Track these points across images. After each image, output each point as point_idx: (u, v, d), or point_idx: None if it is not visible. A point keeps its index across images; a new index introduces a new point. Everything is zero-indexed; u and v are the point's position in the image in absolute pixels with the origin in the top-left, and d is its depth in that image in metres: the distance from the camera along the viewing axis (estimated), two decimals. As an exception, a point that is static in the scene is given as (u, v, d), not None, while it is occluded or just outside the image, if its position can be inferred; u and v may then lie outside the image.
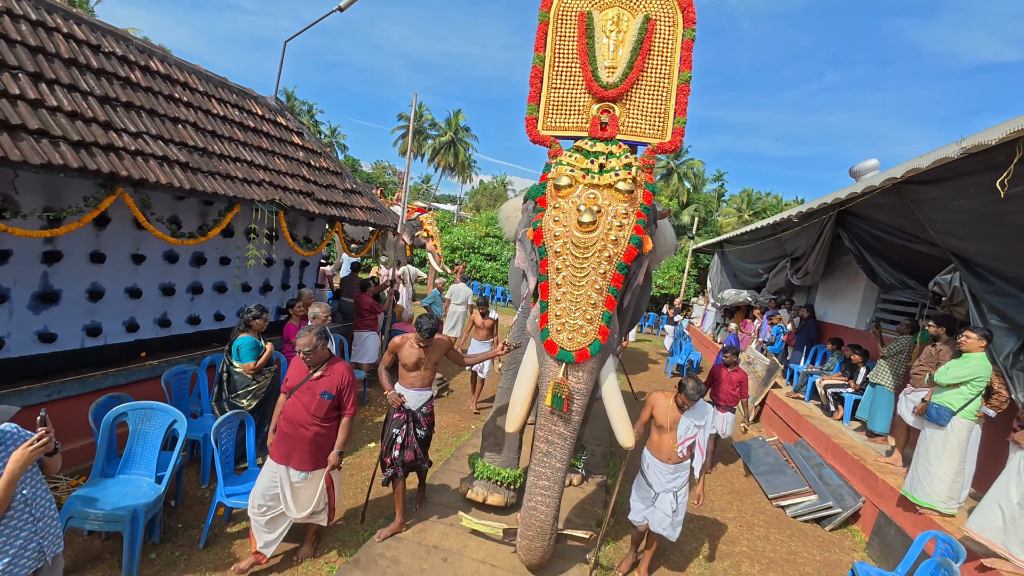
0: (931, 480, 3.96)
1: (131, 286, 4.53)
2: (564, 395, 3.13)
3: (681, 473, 3.44)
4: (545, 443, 3.28)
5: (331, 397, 3.15)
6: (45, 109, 3.31)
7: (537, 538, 3.25)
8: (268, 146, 5.63)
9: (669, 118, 3.71)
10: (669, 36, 3.77)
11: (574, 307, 3.16)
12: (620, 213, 3.19)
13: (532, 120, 3.87)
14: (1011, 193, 3.56)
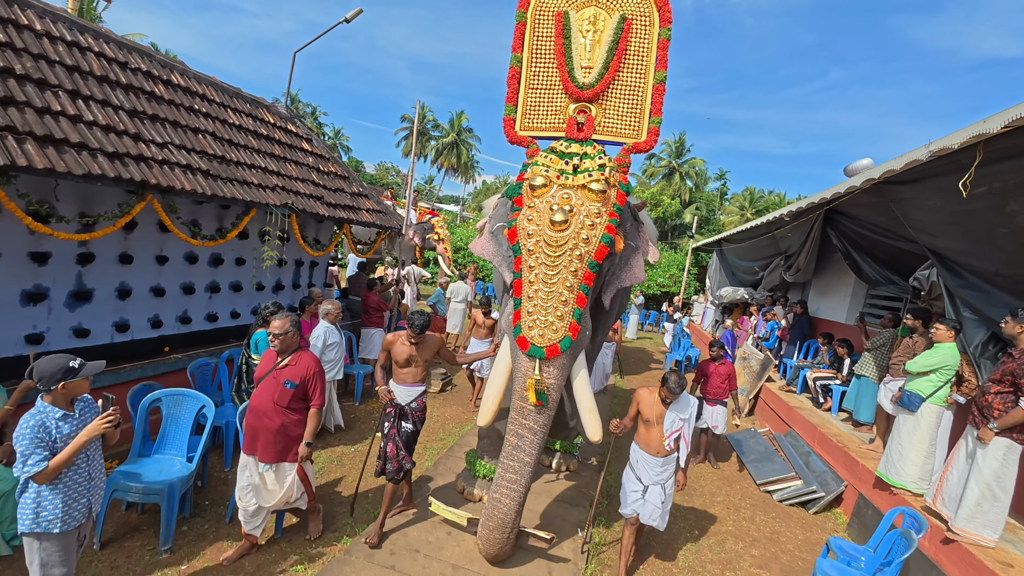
0: (904, 462, 4.23)
1: (155, 285, 4.86)
2: (544, 389, 3.19)
3: (669, 466, 3.51)
4: (515, 436, 3.30)
5: (294, 386, 3.15)
6: (83, 123, 3.63)
7: (497, 530, 3.25)
8: (280, 152, 5.95)
9: (645, 117, 3.74)
10: (645, 36, 3.77)
11: (546, 304, 3.21)
12: (592, 213, 3.24)
13: (510, 121, 3.91)
14: (975, 193, 3.83)
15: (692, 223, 23.51)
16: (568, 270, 3.20)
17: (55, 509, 2.22)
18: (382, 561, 3.32)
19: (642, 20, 3.75)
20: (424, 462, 4.91)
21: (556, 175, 3.36)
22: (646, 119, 3.74)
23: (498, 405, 3.45)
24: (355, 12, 6.97)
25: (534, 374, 3.18)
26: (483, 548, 3.36)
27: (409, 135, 45.05)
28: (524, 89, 3.93)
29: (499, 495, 3.25)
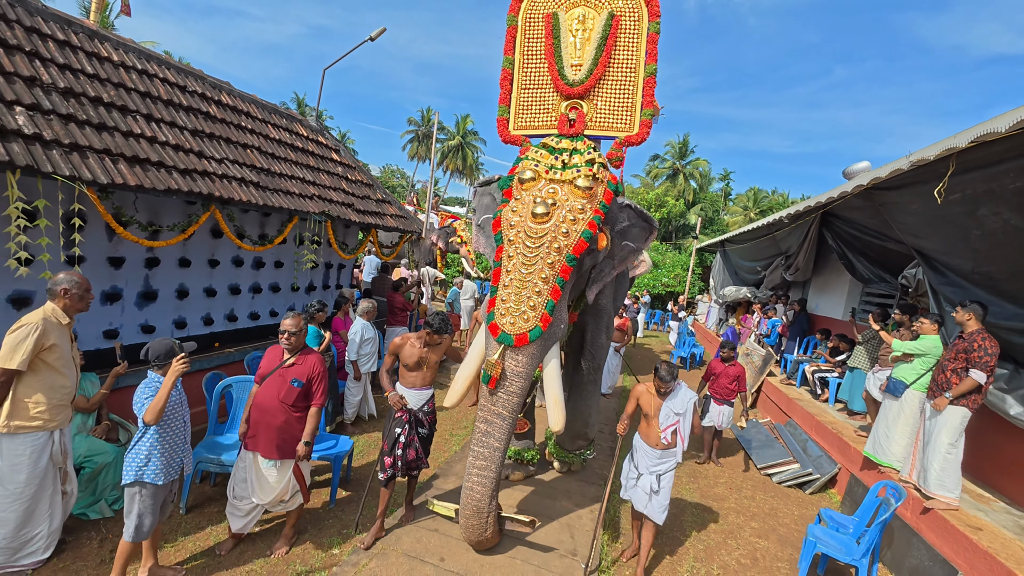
0: (889, 443, 4.67)
1: (208, 286, 5.36)
2: (494, 373, 3.19)
3: (667, 459, 3.53)
4: (484, 423, 3.30)
5: (301, 385, 3.20)
6: (158, 144, 4.13)
7: (473, 516, 3.26)
8: (314, 164, 6.44)
9: (636, 111, 3.78)
10: (634, 31, 3.81)
11: (520, 293, 3.23)
12: (576, 208, 3.28)
13: (503, 121, 4.01)
14: (951, 199, 4.27)
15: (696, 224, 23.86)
16: (545, 262, 3.22)
17: (158, 462, 2.71)
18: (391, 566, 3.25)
19: (631, 15, 3.81)
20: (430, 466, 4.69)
21: (545, 170, 3.43)
22: (638, 112, 3.77)
23: (466, 388, 3.48)
24: (379, 31, 7.46)
25: (493, 357, 3.19)
26: (465, 536, 3.38)
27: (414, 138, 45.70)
28: (516, 90, 4.05)
29: (471, 483, 3.26)
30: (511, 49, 4.05)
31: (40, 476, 2.75)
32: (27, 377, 2.71)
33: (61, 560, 2.95)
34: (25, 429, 2.70)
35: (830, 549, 3.68)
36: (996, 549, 3.39)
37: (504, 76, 4.04)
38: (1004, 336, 4.29)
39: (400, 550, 3.44)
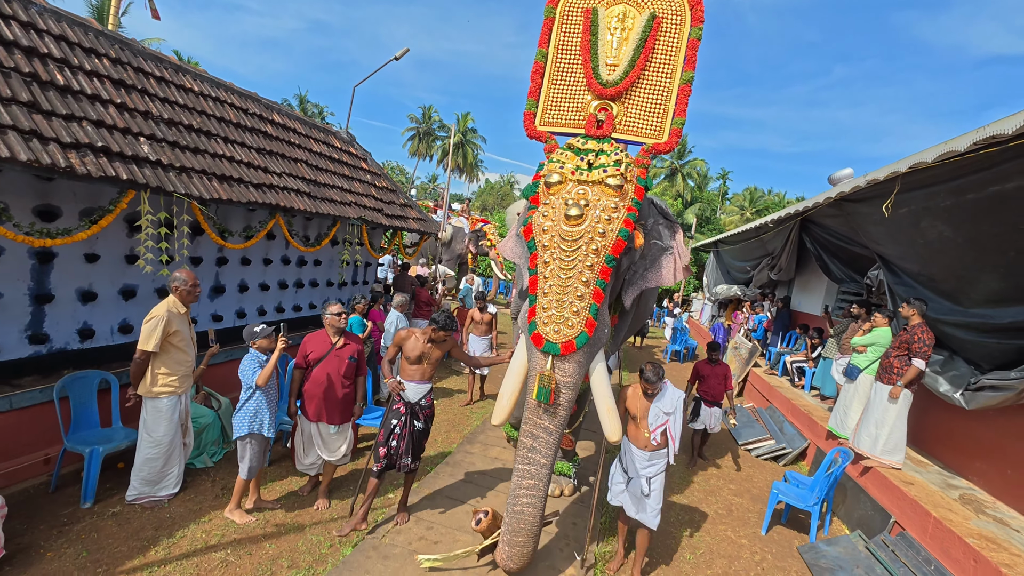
0: (846, 419, 5.51)
1: (262, 282, 6.16)
2: (551, 387, 3.07)
3: (657, 461, 3.46)
4: (530, 438, 3.17)
5: (355, 360, 3.82)
6: (235, 162, 4.92)
7: (526, 543, 3.11)
8: (348, 173, 7.23)
9: (668, 118, 3.61)
10: (675, 34, 3.67)
11: (561, 300, 3.12)
12: (609, 207, 3.16)
13: (530, 115, 3.85)
14: (900, 213, 5.09)
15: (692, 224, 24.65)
16: (584, 264, 3.10)
17: (265, 418, 3.52)
18: None
19: (672, 19, 3.68)
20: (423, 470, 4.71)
21: (572, 171, 3.31)
22: (669, 119, 3.61)
23: (513, 404, 3.35)
24: (403, 51, 8.22)
25: (545, 370, 3.08)
26: (509, 564, 3.15)
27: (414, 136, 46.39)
28: (547, 85, 3.88)
29: (520, 505, 3.10)
30: (546, 42, 3.90)
31: (173, 429, 3.57)
32: (160, 355, 3.51)
33: (186, 494, 3.77)
34: (162, 394, 3.51)
35: (789, 499, 4.53)
36: (921, 497, 4.23)
37: (536, 69, 3.87)
38: (941, 328, 5.13)
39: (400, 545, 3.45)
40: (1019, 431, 4.31)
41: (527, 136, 3.84)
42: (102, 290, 4.32)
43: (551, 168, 3.38)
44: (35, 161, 3.02)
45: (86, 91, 3.76)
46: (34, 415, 3.62)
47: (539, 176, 3.45)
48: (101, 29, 4.32)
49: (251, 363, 3.53)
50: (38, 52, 3.59)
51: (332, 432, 3.81)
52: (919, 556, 3.86)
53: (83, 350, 4.24)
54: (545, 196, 3.34)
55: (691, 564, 3.92)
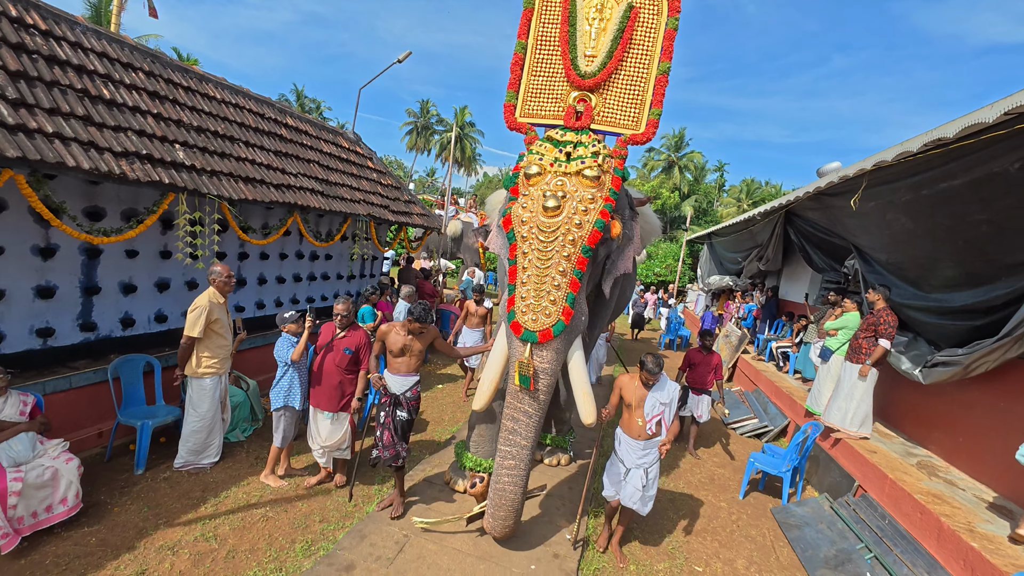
0: (820, 397, 5.98)
1: (278, 275, 6.60)
2: (530, 374, 3.20)
3: (651, 450, 3.52)
4: (511, 421, 3.33)
5: (351, 352, 3.87)
6: (257, 165, 5.34)
7: (509, 516, 3.35)
8: (356, 172, 7.65)
9: (645, 109, 3.64)
10: (652, 25, 3.66)
11: (539, 289, 3.21)
12: (586, 198, 3.22)
13: (510, 107, 3.85)
14: (868, 207, 5.53)
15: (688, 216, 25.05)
16: (561, 255, 3.18)
17: (296, 392, 3.98)
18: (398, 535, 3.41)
19: (650, 9, 3.67)
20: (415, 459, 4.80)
21: (550, 163, 3.36)
22: (646, 111, 3.64)
23: (493, 390, 3.49)
24: (406, 54, 8.60)
25: (524, 357, 3.20)
26: (494, 532, 3.43)
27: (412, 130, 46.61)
28: (526, 76, 3.88)
29: (502, 483, 3.31)
30: (525, 33, 3.87)
31: (216, 405, 4.03)
32: (203, 341, 3.96)
33: (225, 463, 4.23)
34: (206, 374, 3.97)
35: (765, 466, 5.02)
36: (882, 464, 4.71)
37: (515, 61, 3.86)
38: (906, 312, 5.60)
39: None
40: (968, 403, 4.79)
41: (508, 127, 3.85)
42: (140, 283, 4.76)
43: (530, 159, 3.43)
44: (95, 169, 3.45)
45: (128, 103, 4.18)
46: (89, 393, 4.08)
47: (519, 167, 3.49)
48: (135, 44, 4.73)
49: (284, 344, 4.00)
50: (86, 69, 4.01)
51: (325, 419, 3.93)
52: (876, 512, 4.35)
53: (125, 337, 4.68)
54: (524, 187, 3.40)
55: (672, 522, 4.41)
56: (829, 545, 4.14)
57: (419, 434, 5.48)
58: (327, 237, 6.61)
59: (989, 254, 4.26)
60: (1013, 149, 3.54)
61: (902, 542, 3.92)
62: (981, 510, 3.96)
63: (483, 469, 4.15)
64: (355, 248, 7.12)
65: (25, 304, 3.90)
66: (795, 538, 4.34)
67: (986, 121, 3.34)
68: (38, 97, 3.45)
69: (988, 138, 3.58)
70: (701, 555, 3.97)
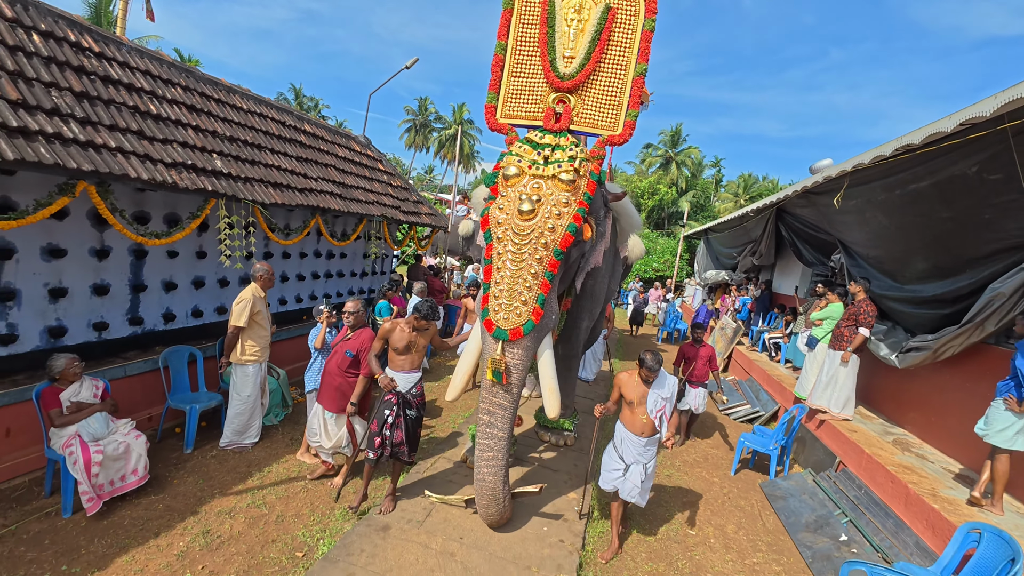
0: (806, 383, 6.43)
1: (299, 272, 7.02)
2: (502, 370, 3.33)
3: (652, 447, 3.62)
4: (488, 415, 3.46)
5: (352, 356, 3.86)
6: (282, 170, 5.75)
7: (492, 504, 3.46)
8: (368, 174, 8.05)
9: (622, 111, 3.68)
10: (629, 26, 3.69)
11: (511, 289, 3.33)
12: (560, 202, 3.31)
13: (491, 108, 3.89)
14: (850, 204, 5.96)
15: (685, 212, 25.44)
16: (533, 257, 3.29)
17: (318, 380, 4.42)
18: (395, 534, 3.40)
19: (627, 10, 3.70)
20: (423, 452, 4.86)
21: (528, 165, 3.43)
22: (623, 112, 3.68)
23: (465, 382, 3.65)
24: (413, 60, 8.98)
25: (496, 354, 3.34)
26: (486, 519, 3.60)
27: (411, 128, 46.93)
28: (507, 77, 3.90)
29: (482, 474, 3.44)
30: (505, 34, 3.90)
31: (257, 390, 4.46)
32: (247, 331, 4.39)
33: (264, 443, 4.67)
34: (249, 361, 4.39)
35: (754, 444, 5.47)
36: (860, 441, 5.15)
37: (495, 62, 3.90)
38: (886, 303, 6.04)
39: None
40: (939, 385, 5.23)
41: (489, 128, 3.90)
42: (180, 281, 5.18)
43: (509, 160, 3.51)
44: (152, 179, 3.87)
45: (171, 117, 4.58)
46: (141, 381, 4.50)
47: (499, 167, 3.58)
48: (172, 61, 5.13)
49: (315, 333, 4.43)
50: (135, 87, 4.41)
51: (326, 417, 3.99)
52: (853, 484, 4.80)
53: (166, 331, 5.10)
54: (503, 187, 3.49)
55: (669, 494, 4.86)
56: (810, 512, 4.59)
57: (435, 418, 5.92)
58: (343, 237, 7.02)
59: (953, 249, 4.70)
60: (969, 155, 3.97)
61: (874, 508, 4.37)
62: (946, 479, 4.41)
63: None
64: (371, 247, 7.55)
65: (84, 301, 4.31)
66: (780, 507, 4.80)
67: (945, 130, 3.77)
68: (99, 115, 3.86)
69: (947, 145, 4.01)
70: (694, 521, 4.42)
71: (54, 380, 3.44)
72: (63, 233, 4.06)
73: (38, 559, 2.93)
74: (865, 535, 4.11)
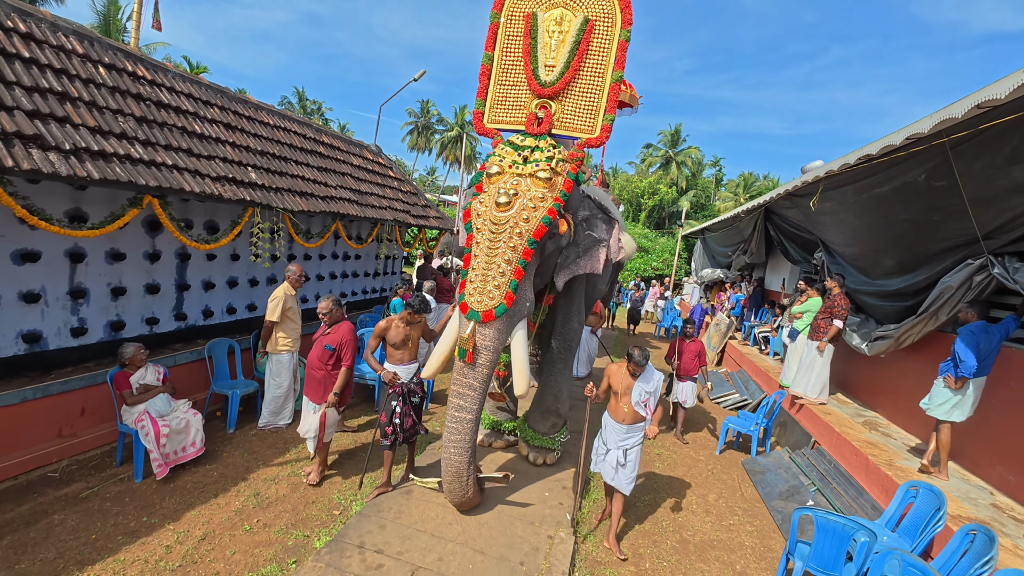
0: (789, 371, 6.96)
1: (318, 272, 7.60)
2: (468, 348, 3.51)
3: (634, 434, 3.77)
4: (458, 397, 3.61)
5: (332, 350, 4.03)
6: (307, 180, 6.32)
7: (454, 480, 3.61)
8: (380, 181, 8.63)
9: (600, 115, 3.90)
10: (606, 36, 3.92)
11: (485, 275, 3.54)
12: (536, 197, 3.56)
13: (479, 114, 4.18)
14: (828, 207, 6.49)
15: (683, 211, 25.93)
16: (507, 246, 3.51)
17: None
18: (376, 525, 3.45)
19: (604, 21, 3.92)
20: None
21: (509, 165, 3.70)
22: (601, 116, 3.91)
23: (443, 361, 3.81)
24: (421, 73, 9.55)
25: (465, 333, 3.54)
26: (449, 499, 3.74)
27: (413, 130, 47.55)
28: (493, 85, 4.18)
29: (449, 453, 3.60)
30: (491, 45, 4.19)
31: (291, 376, 5.03)
32: (280, 324, 4.95)
33: (296, 424, 5.24)
34: (283, 351, 4.97)
35: (737, 426, 6.02)
36: (833, 422, 5.68)
37: (483, 71, 4.19)
38: (860, 297, 6.56)
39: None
40: (904, 371, 5.76)
41: (477, 133, 4.19)
42: (217, 281, 5.76)
43: (492, 161, 3.79)
44: (203, 192, 4.44)
45: (212, 135, 5.16)
46: (188, 370, 5.08)
47: (483, 167, 3.87)
48: (209, 84, 5.70)
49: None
50: (181, 109, 4.99)
51: (310, 408, 4.14)
52: (824, 459, 5.34)
53: (205, 326, 5.68)
54: (486, 185, 3.76)
55: (658, 470, 5.41)
56: (784, 483, 5.13)
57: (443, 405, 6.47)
58: (358, 240, 7.60)
59: (912, 247, 5.22)
60: (919, 164, 4.50)
61: (840, 478, 4.91)
62: (903, 452, 4.95)
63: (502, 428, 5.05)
64: (382, 249, 8.12)
65: (139, 299, 4.89)
66: (758, 480, 5.34)
67: (895, 143, 4.30)
68: (156, 136, 4.43)
69: (898, 156, 4.54)
70: (680, 492, 4.97)
71: (124, 365, 4.02)
72: (123, 239, 4.64)
73: (123, 512, 3.51)
74: (829, 500, 4.65)
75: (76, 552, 3.09)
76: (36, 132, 3.38)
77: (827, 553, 3.20)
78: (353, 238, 7.83)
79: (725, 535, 4.27)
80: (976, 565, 2.88)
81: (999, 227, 4.12)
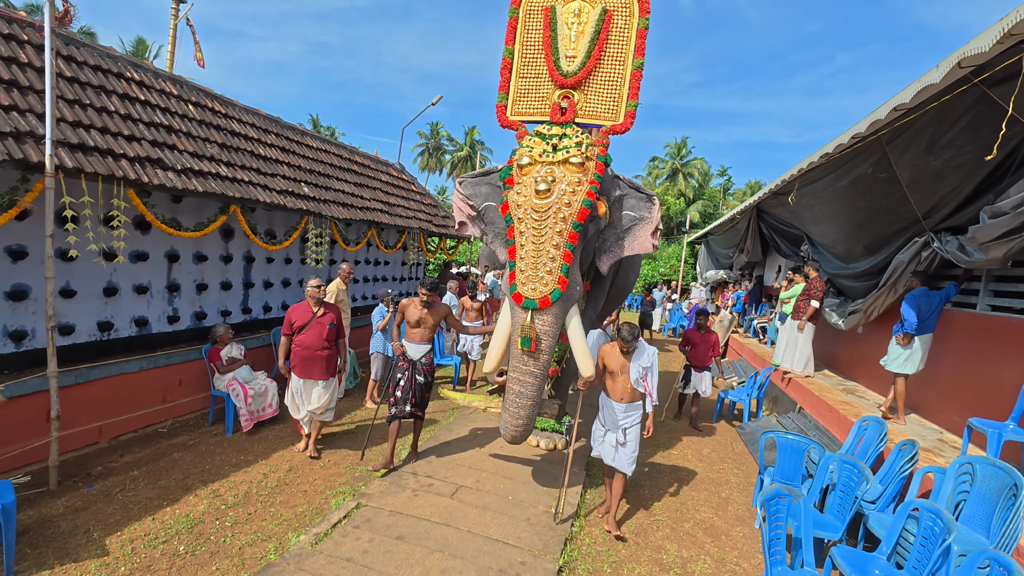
0: (779, 351, 7.70)
1: (364, 275, 8.57)
2: (532, 336, 3.55)
3: (632, 413, 3.76)
4: (518, 384, 3.68)
5: (335, 325, 4.41)
6: (347, 194, 7.33)
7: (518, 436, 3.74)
8: (404, 195, 9.64)
9: (623, 102, 3.97)
10: (625, 25, 4.01)
11: (535, 263, 3.58)
12: (573, 182, 3.59)
13: (502, 107, 4.24)
14: (805, 202, 7.31)
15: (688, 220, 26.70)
16: (554, 231, 3.55)
17: (387, 345, 5.87)
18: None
19: (622, 11, 4.02)
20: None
21: (539, 155, 3.72)
22: (624, 103, 3.97)
23: (500, 356, 3.87)
24: (438, 98, 10.63)
25: (526, 322, 3.57)
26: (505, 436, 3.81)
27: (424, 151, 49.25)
28: (514, 78, 4.26)
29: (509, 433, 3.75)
30: (511, 40, 4.27)
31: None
32: (330, 311, 5.89)
33: (343, 400, 6.13)
34: (334, 334, 5.89)
35: (731, 396, 6.77)
36: (815, 390, 6.41)
37: (504, 65, 4.26)
38: (838, 280, 7.33)
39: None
40: (877, 343, 6.47)
41: (500, 126, 4.22)
42: (274, 280, 6.74)
43: (522, 152, 3.81)
44: (271, 202, 5.44)
45: (273, 157, 6.19)
46: (255, 354, 6.02)
47: (512, 160, 3.88)
48: (266, 115, 6.78)
49: (377, 313, 5.92)
50: (249, 136, 6.04)
51: (320, 386, 4.37)
52: (806, 419, 6.08)
53: (265, 319, 6.65)
54: (518, 176, 3.77)
55: (658, 432, 6.17)
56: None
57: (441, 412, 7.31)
58: (390, 246, 8.58)
59: (872, 231, 6.01)
60: (866, 159, 5.33)
61: (818, 432, 5.64)
62: (872, 407, 5.67)
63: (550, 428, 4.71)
64: (411, 255, 9.10)
65: (216, 294, 5.88)
66: (747, 439, 6.09)
67: (843, 143, 5.15)
68: (234, 158, 5.46)
69: (848, 152, 5.39)
70: (677, 447, 5.74)
71: (215, 342, 4.97)
72: (206, 244, 5.64)
73: (224, 453, 4.43)
74: (807, 449, 5.38)
75: (198, 476, 3.99)
76: (159, 157, 4.40)
77: (788, 468, 3.98)
78: (384, 245, 8.81)
79: (715, 475, 5.03)
80: (875, 441, 3.96)
81: (931, 208, 4.92)
